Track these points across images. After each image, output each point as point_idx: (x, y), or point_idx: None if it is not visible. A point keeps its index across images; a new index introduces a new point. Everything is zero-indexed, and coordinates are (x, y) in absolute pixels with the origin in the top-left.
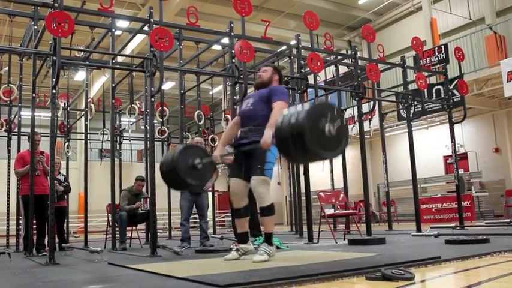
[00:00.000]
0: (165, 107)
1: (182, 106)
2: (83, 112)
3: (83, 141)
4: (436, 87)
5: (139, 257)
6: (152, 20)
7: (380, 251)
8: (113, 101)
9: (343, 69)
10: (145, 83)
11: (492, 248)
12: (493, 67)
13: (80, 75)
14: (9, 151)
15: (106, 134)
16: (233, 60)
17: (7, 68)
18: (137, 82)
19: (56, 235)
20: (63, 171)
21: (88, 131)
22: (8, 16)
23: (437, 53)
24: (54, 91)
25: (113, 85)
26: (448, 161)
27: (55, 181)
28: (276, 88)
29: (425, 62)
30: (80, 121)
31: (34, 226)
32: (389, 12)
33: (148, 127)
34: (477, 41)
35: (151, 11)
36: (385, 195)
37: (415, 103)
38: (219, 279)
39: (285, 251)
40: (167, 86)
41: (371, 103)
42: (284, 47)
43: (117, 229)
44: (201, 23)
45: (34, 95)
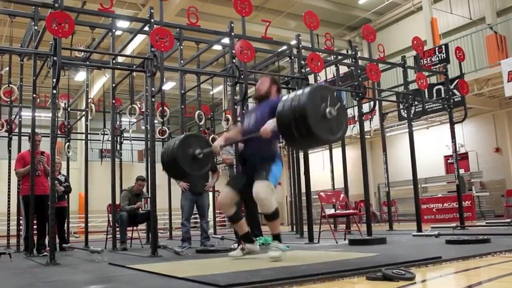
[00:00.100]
0: (166, 107)
1: (183, 106)
2: (84, 112)
3: (84, 141)
4: (437, 87)
5: (139, 257)
6: (152, 20)
7: (381, 251)
8: (114, 101)
9: (343, 69)
10: (145, 83)
11: (493, 248)
12: (494, 67)
13: (81, 75)
14: (9, 151)
15: (106, 134)
16: (233, 60)
17: (8, 69)
18: (138, 82)
19: (57, 235)
20: (63, 171)
21: (89, 131)
22: (9, 16)
23: (437, 53)
24: (54, 91)
25: (114, 85)
26: (449, 161)
27: (55, 181)
28: (277, 102)
29: (425, 62)
30: (81, 121)
31: (35, 226)
32: (389, 12)
33: (148, 127)
34: (478, 41)
35: (151, 11)
36: (386, 195)
37: (416, 103)
38: (220, 279)
39: (286, 251)
40: (168, 86)
41: (371, 103)
42: (284, 47)
43: (117, 229)
44: (202, 23)
45: (35, 96)
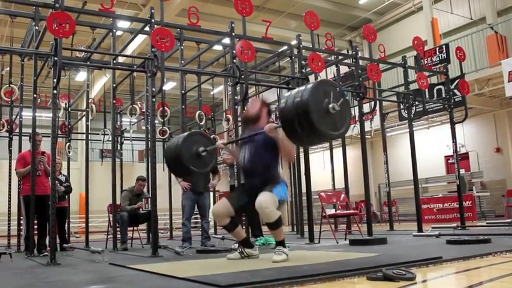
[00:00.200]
0: (166, 107)
1: (183, 106)
2: (84, 112)
3: (84, 141)
4: (437, 87)
5: (140, 257)
6: (153, 21)
7: (381, 251)
8: (114, 102)
9: (344, 69)
10: (146, 84)
11: (493, 248)
12: (494, 67)
13: (81, 75)
14: (10, 151)
15: (107, 135)
16: (234, 60)
17: (8, 69)
18: (138, 82)
19: (57, 235)
20: (64, 171)
21: (89, 132)
22: (9, 17)
23: (438, 53)
24: (55, 91)
25: (114, 85)
26: (449, 161)
27: (56, 181)
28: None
29: (426, 62)
30: (81, 121)
31: (35, 226)
32: (390, 12)
33: (149, 127)
34: (478, 41)
35: (152, 12)
36: (386, 195)
37: (416, 103)
38: (221, 279)
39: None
40: (168, 87)
41: (372, 103)
42: (285, 47)
43: (118, 229)
44: (202, 23)
45: (35, 96)
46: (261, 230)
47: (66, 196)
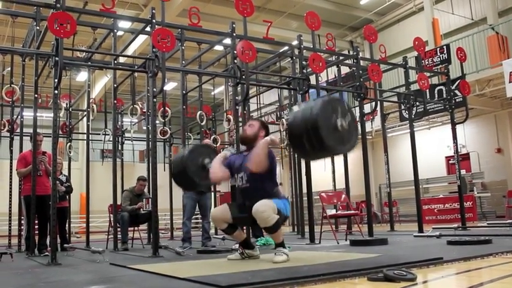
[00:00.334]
0: (167, 108)
1: (184, 107)
2: (85, 112)
3: (85, 141)
4: (438, 87)
5: (141, 258)
6: (154, 21)
7: (382, 252)
8: (115, 102)
9: (345, 69)
10: (147, 84)
11: (494, 249)
12: (495, 67)
13: (82, 75)
14: (11, 151)
15: (108, 135)
16: (235, 60)
17: (9, 69)
18: (139, 83)
19: (58, 235)
20: (65, 171)
21: (90, 132)
22: (11, 17)
23: (439, 54)
24: (56, 91)
25: (115, 86)
26: (450, 162)
27: (57, 181)
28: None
29: (427, 63)
30: (82, 121)
31: (36, 226)
32: (391, 12)
33: (150, 127)
34: (479, 42)
35: (153, 12)
36: (387, 195)
37: (417, 104)
38: (221, 279)
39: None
40: (169, 87)
41: (373, 104)
42: (286, 48)
43: (119, 229)
44: (203, 24)
45: (36, 96)
46: (262, 231)
47: (67, 196)
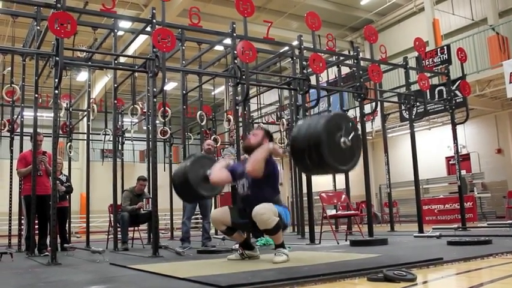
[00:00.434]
0: (167, 108)
1: (184, 107)
2: (85, 112)
3: (85, 141)
4: (439, 88)
5: (141, 258)
6: (154, 21)
7: (382, 252)
8: (115, 102)
9: (345, 70)
10: (147, 84)
11: (494, 250)
12: (496, 68)
13: (83, 75)
14: (11, 151)
15: (108, 135)
16: (235, 60)
17: (10, 68)
18: (139, 83)
19: (58, 235)
20: (65, 171)
21: (90, 132)
22: (11, 17)
23: (439, 54)
24: (56, 91)
25: (115, 85)
26: (450, 162)
27: (57, 181)
28: (271, 170)
29: (427, 63)
30: (82, 121)
31: (36, 226)
32: (391, 13)
33: (150, 127)
34: (480, 42)
35: (153, 12)
36: (387, 196)
37: (418, 104)
38: (221, 279)
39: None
40: (169, 87)
41: (373, 104)
42: (286, 48)
43: (119, 229)
44: (203, 24)
45: (37, 95)
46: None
47: (67, 196)
